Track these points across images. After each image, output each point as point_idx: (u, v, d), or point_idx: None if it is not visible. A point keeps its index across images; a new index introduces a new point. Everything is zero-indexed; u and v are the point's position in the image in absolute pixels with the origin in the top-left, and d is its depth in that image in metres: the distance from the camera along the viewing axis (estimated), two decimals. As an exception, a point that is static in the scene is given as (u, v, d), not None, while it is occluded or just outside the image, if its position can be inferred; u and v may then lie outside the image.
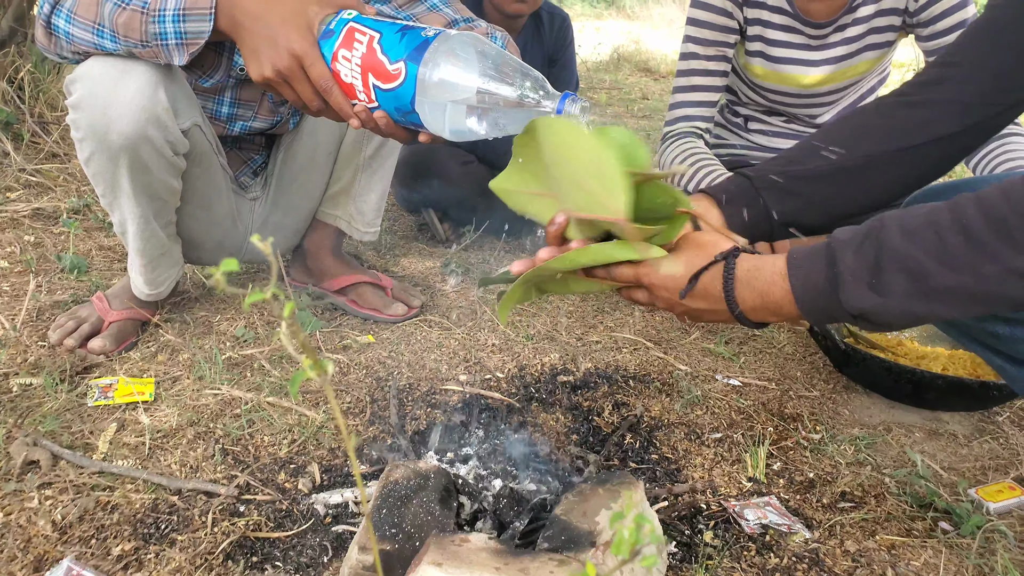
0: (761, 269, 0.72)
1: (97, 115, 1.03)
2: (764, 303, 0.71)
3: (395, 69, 0.81)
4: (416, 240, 1.96)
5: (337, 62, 0.86)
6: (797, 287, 0.69)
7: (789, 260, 0.70)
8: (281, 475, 0.99)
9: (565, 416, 1.17)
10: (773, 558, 0.87)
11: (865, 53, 1.57)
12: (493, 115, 0.79)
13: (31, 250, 1.59)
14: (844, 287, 0.66)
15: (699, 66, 1.62)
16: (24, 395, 1.11)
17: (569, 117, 0.76)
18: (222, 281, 0.30)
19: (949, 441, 1.14)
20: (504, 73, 0.77)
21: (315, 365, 0.31)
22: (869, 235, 0.67)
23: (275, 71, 0.88)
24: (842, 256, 0.67)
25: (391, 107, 0.85)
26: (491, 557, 0.69)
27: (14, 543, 0.83)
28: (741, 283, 0.72)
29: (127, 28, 0.97)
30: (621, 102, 4.27)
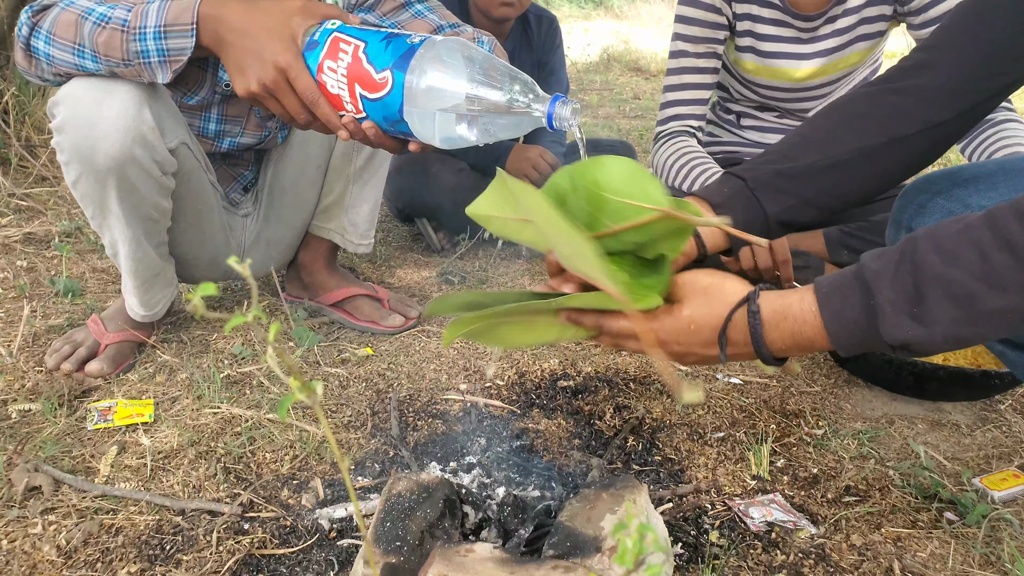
0: (788, 308, 0.67)
1: (82, 137, 1.03)
2: (795, 343, 0.67)
3: (381, 78, 0.80)
4: (411, 250, 1.96)
5: (323, 73, 0.85)
6: (830, 323, 0.65)
7: (818, 295, 0.66)
8: (284, 491, 0.98)
9: (567, 421, 1.17)
10: (779, 555, 0.87)
11: (857, 44, 1.57)
12: (483, 121, 0.78)
13: (24, 275, 1.59)
14: (883, 319, 0.62)
15: (689, 64, 1.62)
16: (23, 421, 1.10)
17: (559, 120, 0.75)
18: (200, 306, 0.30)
19: (952, 431, 1.14)
20: (493, 77, 0.76)
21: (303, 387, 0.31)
22: (903, 259, 0.63)
23: (260, 85, 0.87)
24: (878, 286, 0.63)
25: (379, 117, 0.84)
26: (497, 566, 0.69)
27: (19, 570, 0.83)
28: (769, 326, 0.67)
29: (108, 47, 0.96)
30: (613, 103, 4.28)
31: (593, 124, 3.63)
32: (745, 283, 0.71)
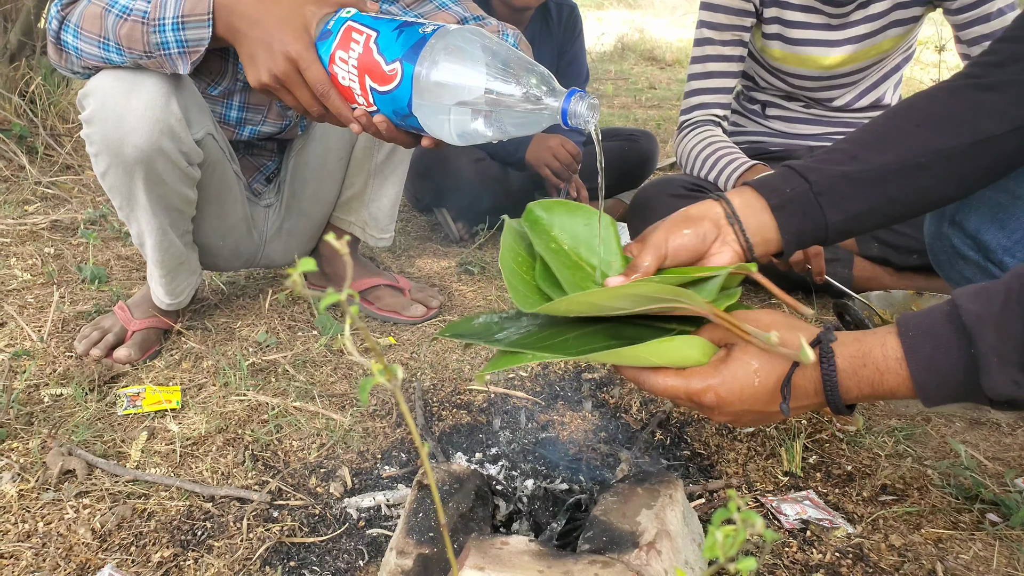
0: (869, 354, 0.59)
1: (111, 129, 1.03)
2: (873, 391, 0.59)
3: (391, 70, 0.76)
4: (430, 240, 1.95)
5: (334, 64, 0.82)
6: (919, 373, 0.57)
7: (904, 340, 0.57)
8: (312, 480, 0.98)
9: (592, 414, 1.15)
10: (816, 554, 0.86)
11: (890, 30, 1.53)
12: (496, 116, 0.73)
13: (52, 262, 1.60)
14: (988, 372, 0.54)
15: (714, 52, 1.59)
16: (56, 405, 1.11)
17: (575, 117, 0.69)
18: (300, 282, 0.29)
19: (992, 430, 1.12)
20: (507, 70, 0.71)
21: (385, 370, 0.30)
22: (1009, 301, 0.54)
23: (271, 76, 0.85)
24: (980, 333, 0.54)
25: (389, 110, 0.80)
26: (533, 559, 0.68)
27: (56, 551, 0.83)
28: (844, 373, 0.59)
29: (130, 39, 0.96)
30: (628, 92, 4.24)
31: (609, 114, 3.60)
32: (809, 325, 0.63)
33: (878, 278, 1.55)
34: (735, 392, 0.61)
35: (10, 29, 2.20)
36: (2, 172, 2.02)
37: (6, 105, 2.10)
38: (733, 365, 0.61)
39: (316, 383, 1.21)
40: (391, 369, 0.30)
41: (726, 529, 0.29)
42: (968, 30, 1.47)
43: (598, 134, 0.73)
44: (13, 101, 2.10)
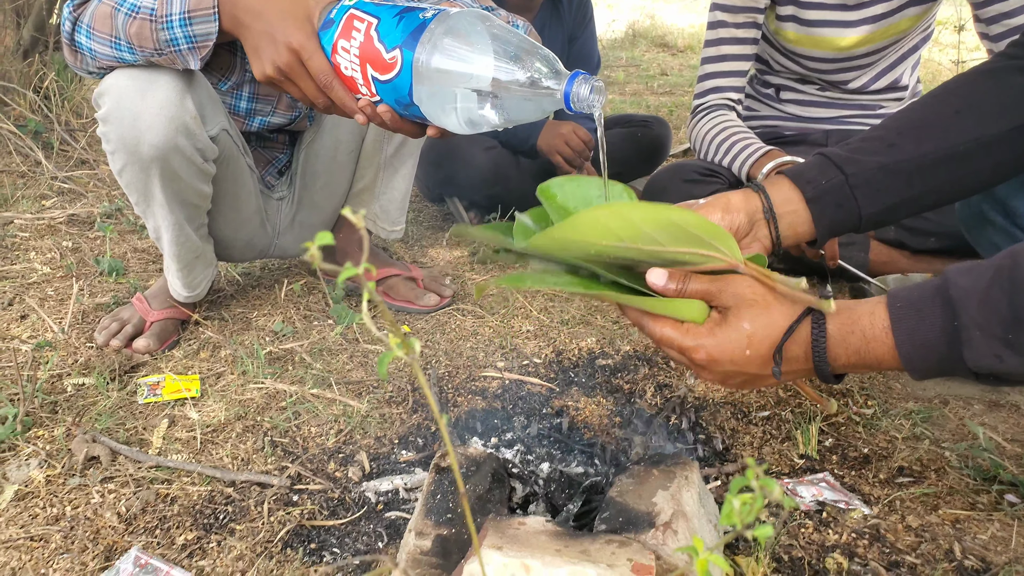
0: (857, 322, 0.60)
1: (127, 128, 1.04)
2: (861, 360, 0.60)
3: (391, 58, 0.74)
4: (442, 230, 1.96)
5: (337, 54, 0.80)
6: (904, 344, 0.58)
7: (892, 310, 0.59)
8: (331, 465, 0.99)
9: (607, 399, 1.16)
10: (832, 535, 0.86)
11: (907, 9, 1.51)
12: (498, 102, 0.71)
13: (70, 255, 1.62)
14: (970, 345, 0.54)
15: (728, 34, 1.58)
16: (78, 394, 1.13)
17: (577, 101, 0.67)
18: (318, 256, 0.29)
19: (1011, 412, 1.11)
20: (509, 53, 0.69)
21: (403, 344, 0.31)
22: (998, 277, 0.54)
23: (275, 68, 0.85)
24: (964, 306, 0.55)
25: (392, 100, 0.79)
26: (550, 539, 0.69)
27: (84, 534, 0.85)
28: (833, 340, 0.60)
29: (140, 38, 0.97)
30: (640, 79, 4.21)
31: (621, 101, 3.58)
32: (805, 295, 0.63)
33: (895, 262, 1.53)
34: (726, 354, 0.62)
35: (23, 25, 2.22)
36: (19, 167, 2.05)
37: (21, 101, 2.12)
38: (727, 328, 0.62)
39: (333, 371, 1.22)
40: (409, 343, 0.31)
41: (743, 496, 0.29)
42: (987, 8, 1.45)
43: (602, 118, 0.71)
44: (28, 97, 2.12)
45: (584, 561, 0.64)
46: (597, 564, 0.64)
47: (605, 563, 0.64)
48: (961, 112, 0.76)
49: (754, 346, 0.62)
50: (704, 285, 0.65)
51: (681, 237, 0.61)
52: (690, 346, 0.64)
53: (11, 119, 2.10)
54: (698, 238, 0.62)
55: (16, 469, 0.96)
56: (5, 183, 1.96)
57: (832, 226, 0.77)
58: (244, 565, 0.82)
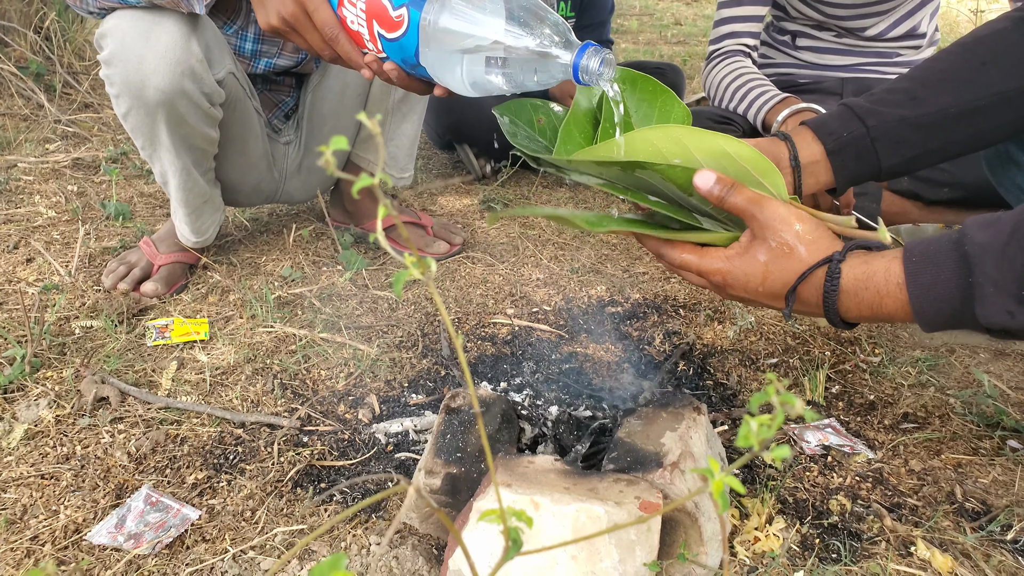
0: (872, 277, 0.60)
1: (131, 71, 1.01)
2: (873, 314, 0.61)
3: (398, 16, 0.73)
4: (452, 178, 1.93)
5: (343, 7, 0.79)
6: (917, 299, 0.57)
7: (907, 264, 0.58)
8: (341, 407, 1.00)
9: (615, 346, 1.16)
10: (836, 478, 0.87)
11: None
12: (506, 67, 0.69)
13: (75, 199, 1.61)
14: (983, 301, 0.54)
15: None
16: (87, 337, 1.13)
17: (586, 73, 0.66)
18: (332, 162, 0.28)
19: (1017, 360, 1.11)
20: (518, 18, 0.67)
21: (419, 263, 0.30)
22: (1016, 234, 0.54)
23: (280, 18, 0.83)
24: (980, 263, 0.54)
25: (399, 58, 0.77)
26: (559, 477, 0.70)
27: (94, 473, 0.87)
28: (846, 294, 0.61)
29: None
30: (653, 28, 4.10)
31: (635, 50, 3.49)
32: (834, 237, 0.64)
33: (907, 212, 1.51)
34: (740, 281, 0.65)
35: (20, -37, 2.16)
36: (21, 110, 2.02)
37: (21, 41, 2.08)
38: (747, 258, 0.64)
39: (342, 316, 1.22)
40: (424, 262, 0.30)
41: (761, 418, 0.29)
42: None
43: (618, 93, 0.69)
44: (28, 37, 2.08)
45: (592, 499, 0.65)
46: (605, 502, 0.65)
47: (613, 501, 0.65)
48: (986, 64, 0.75)
49: (768, 282, 0.64)
50: (746, 201, 0.65)
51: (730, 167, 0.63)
52: (709, 269, 0.66)
53: (12, 60, 2.06)
54: (746, 171, 0.64)
55: (25, 409, 0.97)
56: (8, 126, 1.93)
57: (853, 177, 0.79)
58: (254, 504, 0.84)
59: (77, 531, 0.79)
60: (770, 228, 0.63)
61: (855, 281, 0.61)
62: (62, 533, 0.78)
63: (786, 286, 0.63)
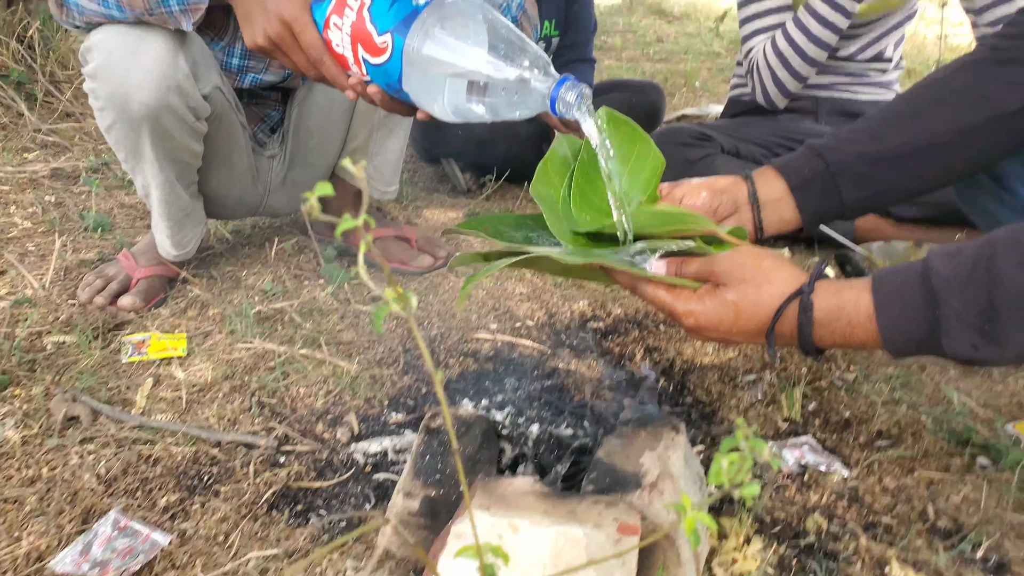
0: (843, 308, 0.62)
1: (116, 85, 1.01)
2: (845, 342, 0.63)
3: (382, 42, 0.74)
4: (437, 191, 1.94)
5: (329, 30, 0.79)
6: (887, 330, 0.60)
7: (876, 296, 0.60)
8: (319, 426, 1.00)
9: (597, 362, 1.16)
10: (813, 496, 0.88)
11: None
12: (486, 96, 0.71)
13: (53, 210, 1.59)
14: (949, 334, 0.56)
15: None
16: (59, 353, 1.12)
17: (562, 104, 0.67)
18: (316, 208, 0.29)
19: (984, 378, 1.13)
20: (500, 49, 0.68)
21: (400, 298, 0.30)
22: (978, 267, 0.56)
23: (266, 38, 0.83)
24: (946, 296, 0.56)
25: (382, 82, 0.78)
26: (538, 499, 0.70)
27: (61, 496, 0.85)
28: (819, 324, 0.62)
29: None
30: (636, 45, 4.15)
31: (617, 67, 3.53)
32: (797, 270, 0.66)
33: (880, 229, 1.55)
34: (713, 323, 0.66)
35: (4, -28, 2.13)
36: (0, 119, 1.99)
37: (3, 50, 2.05)
38: (716, 300, 0.66)
39: (323, 331, 1.22)
40: (406, 297, 0.30)
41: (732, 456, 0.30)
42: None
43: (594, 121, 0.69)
44: (11, 46, 2.05)
45: (571, 521, 0.65)
46: (584, 524, 0.65)
47: (592, 523, 0.65)
48: (942, 102, 0.78)
49: (741, 321, 0.65)
50: (699, 266, 0.69)
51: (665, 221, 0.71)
52: (680, 311, 0.67)
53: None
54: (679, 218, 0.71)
55: (-5, 428, 0.95)
56: (-17, 136, 1.91)
57: (816, 213, 0.81)
58: (228, 527, 0.82)
59: (40, 559, 0.77)
60: (731, 273, 0.65)
61: (827, 312, 0.63)
62: (24, 561, 0.76)
63: (760, 323, 0.64)
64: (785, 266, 0.66)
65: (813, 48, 1.47)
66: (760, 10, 1.57)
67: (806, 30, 1.47)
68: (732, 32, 4.36)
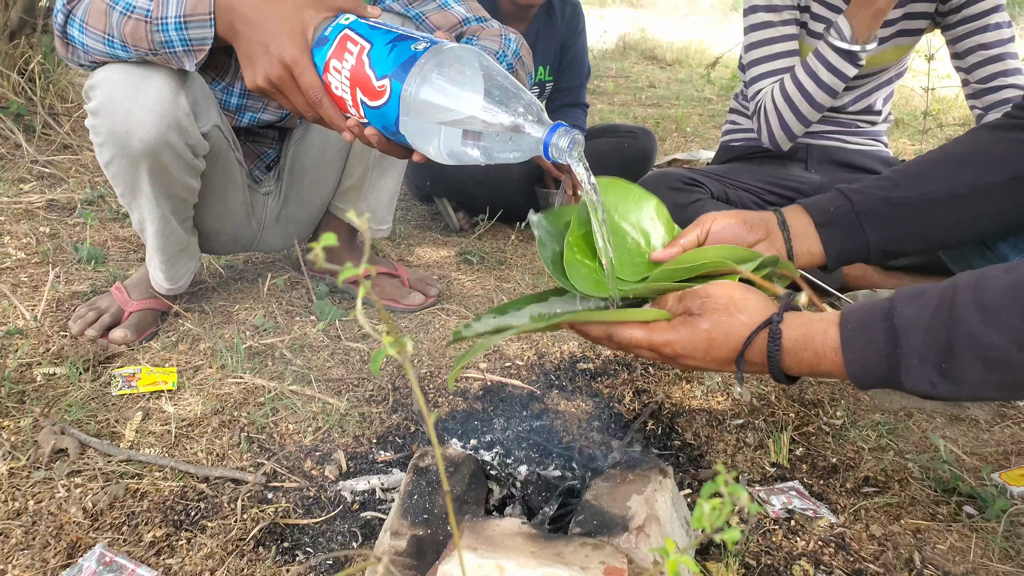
0: (811, 340, 0.65)
1: (118, 122, 1.03)
2: (812, 371, 0.66)
3: (380, 86, 0.76)
4: (430, 230, 1.96)
5: (329, 73, 0.82)
6: (851, 363, 0.63)
7: (843, 331, 0.63)
8: (307, 463, 0.99)
9: (586, 403, 1.17)
10: (800, 542, 0.88)
11: (897, 39, 1.57)
12: (481, 140, 0.73)
13: (47, 241, 1.60)
14: (908, 370, 0.59)
15: (777, 33, 1.58)
16: (48, 384, 1.11)
17: (556, 150, 0.70)
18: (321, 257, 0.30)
19: (971, 426, 1.14)
20: (495, 96, 0.71)
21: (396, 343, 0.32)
22: (940, 310, 0.59)
23: (266, 79, 0.85)
24: (907, 335, 0.59)
25: (379, 125, 0.81)
26: (525, 541, 0.70)
27: (46, 530, 0.84)
28: (788, 353, 0.65)
29: (135, 37, 0.96)
30: (628, 90, 4.25)
31: (609, 111, 3.61)
32: (767, 300, 0.69)
33: (867, 277, 1.57)
34: (688, 349, 0.68)
35: (11, 6, 2.18)
36: (-3, 150, 2.01)
37: (4, 83, 2.08)
38: (690, 327, 0.68)
39: (313, 367, 1.22)
40: (402, 341, 0.32)
41: (713, 501, 0.31)
42: (964, 42, 1.52)
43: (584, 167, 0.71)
44: (12, 79, 2.09)
45: (557, 563, 0.65)
46: (570, 566, 0.65)
47: (578, 565, 0.65)
48: (963, 161, 0.83)
49: (714, 349, 0.67)
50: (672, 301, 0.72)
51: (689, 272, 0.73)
52: (659, 342, 0.69)
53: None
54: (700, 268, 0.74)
55: (-18, 459, 0.94)
56: (-18, 166, 1.92)
57: (842, 252, 0.83)
58: (214, 564, 0.81)
59: (25, 592, 0.76)
60: (704, 304, 0.69)
61: (795, 342, 0.66)
62: (9, 594, 0.75)
63: (731, 350, 0.67)
64: (756, 296, 0.69)
65: (821, 94, 1.51)
66: (768, 54, 1.60)
67: (815, 76, 1.51)
68: (723, 79, 4.48)
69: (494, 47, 1.14)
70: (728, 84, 4.34)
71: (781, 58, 1.59)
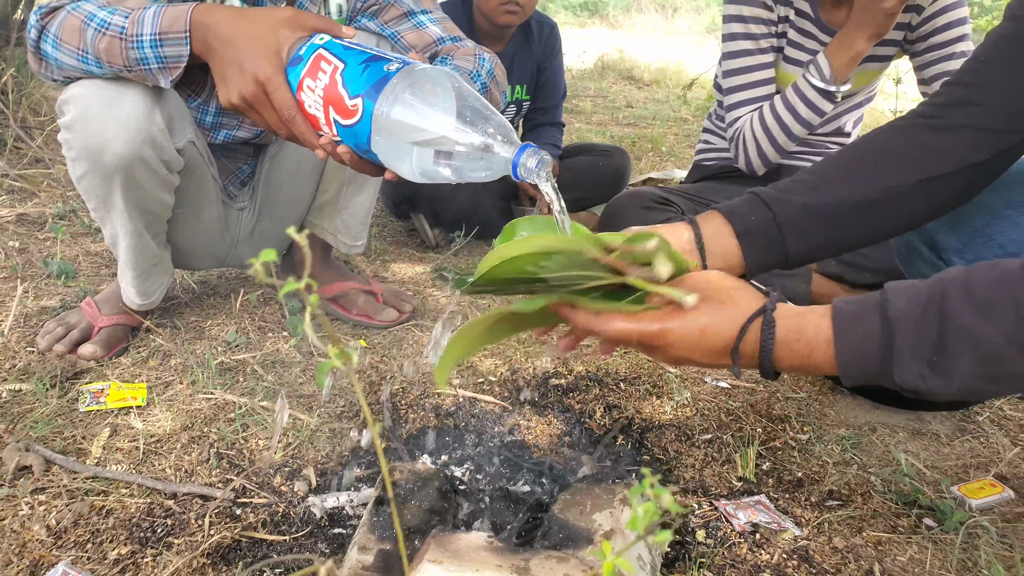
0: (804, 330, 0.64)
1: (91, 137, 1.03)
2: (802, 365, 0.65)
3: (353, 105, 0.78)
4: (406, 246, 1.97)
5: (302, 91, 0.83)
6: (843, 355, 0.62)
7: (835, 323, 0.63)
8: (277, 479, 0.99)
9: (557, 419, 1.18)
10: (764, 555, 0.89)
11: (867, 64, 1.62)
12: (451, 159, 0.74)
13: (16, 255, 1.58)
14: (900, 363, 0.60)
15: (755, 61, 1.62)
16: (14, 401, 1.10)
17: (524, 170, 0.70)
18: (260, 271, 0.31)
19: (932, 441, 1.17)
20: (465, 116, 0.73)
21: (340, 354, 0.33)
22: (931, 304, 0.59)
23: (240, 97, 0.87)
24: (900, 329, 0.59)
25: (352, 143, 0.82)
26: (491, 555, 0.70)
27: (8, 548, 0.83)
28: (780, 344, 0.64)
29: (109, 54, 0.96)
30: (606, 110, 4.31)
31: (587, 130, 3.66)
32: (757, 293, 0.68)
33: (835, 294, 1.61)
34: (680, 338, 0.65)
35: (-18, 20, 2.17)
36: (-33, 164, 1.99)
37: (-26, 96, 2.06)
38: (682, 317, 0.65)
39: (285, 383, 1.22)
40: (346, 353, 0.33)
41: (647, 506, 0.32)
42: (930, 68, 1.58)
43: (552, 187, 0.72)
44: (-18, 93, 2.07)
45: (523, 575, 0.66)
46: (534, 579, 0.66)
47: (542, 579, 0.66)
48: (879, 164, 0.84)
49: (706, 339, 0.65)
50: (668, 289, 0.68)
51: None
52: (648, 332, 0.65)
53: (-39, 114, 2.04)
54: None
55: (-56, 477, 0.93)
56: (-49, 179, 1.90)
57: (762, 261, 0.84)
58: (180, 580, 0.81)
59: (-16, 611, 0.75)
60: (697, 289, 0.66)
61: (788, 332, 0.65)
62: (-33, 614, 0.74)
63: (723, 340, 0.65)
64: (748, 288, 0.68)
65: (798, 127, 1.57)
66: (746, 82, 1.65)
67: (794, 111, 1.56)
68: (700, 99, 4.57)
69: (468, 67, 1.17)
70: (704, 105, 4.42)
71: (759, 86, 1.64)
